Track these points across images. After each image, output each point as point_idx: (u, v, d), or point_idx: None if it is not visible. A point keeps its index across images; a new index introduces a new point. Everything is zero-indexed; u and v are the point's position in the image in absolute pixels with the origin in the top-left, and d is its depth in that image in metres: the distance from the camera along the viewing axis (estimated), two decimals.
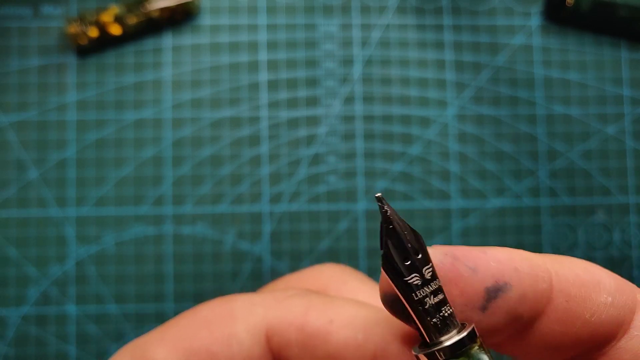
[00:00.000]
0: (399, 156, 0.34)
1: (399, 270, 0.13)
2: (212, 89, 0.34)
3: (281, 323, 0.17)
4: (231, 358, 0.17)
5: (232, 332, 0.17)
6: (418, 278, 0.13)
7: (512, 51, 0.35)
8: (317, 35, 0.35)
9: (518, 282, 0.14)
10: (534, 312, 0.14)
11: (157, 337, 0.18)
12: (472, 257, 0.14)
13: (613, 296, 0.14)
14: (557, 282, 0.14)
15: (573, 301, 0.14)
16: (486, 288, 0.13)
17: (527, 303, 0.14)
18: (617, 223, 0.35)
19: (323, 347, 0.16)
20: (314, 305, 0.17)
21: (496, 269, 0.14)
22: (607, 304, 0.14)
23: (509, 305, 0.14)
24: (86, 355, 0.32)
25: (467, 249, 0.14)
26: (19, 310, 0.33)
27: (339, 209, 0.34)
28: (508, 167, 0.35)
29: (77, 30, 0.33)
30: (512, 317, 0.14)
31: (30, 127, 0.33)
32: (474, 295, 0.13)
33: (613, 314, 0.14)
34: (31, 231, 0.33)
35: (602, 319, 0.14)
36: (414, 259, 0.13)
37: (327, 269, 0.23)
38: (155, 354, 0.17)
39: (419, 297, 0.13)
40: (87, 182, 0.33)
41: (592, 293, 0.14)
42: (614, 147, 0.35)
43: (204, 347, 0.17)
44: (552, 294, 0.14)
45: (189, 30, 0.35)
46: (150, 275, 0.33)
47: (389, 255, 0.13)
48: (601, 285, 0.14)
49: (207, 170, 0.34)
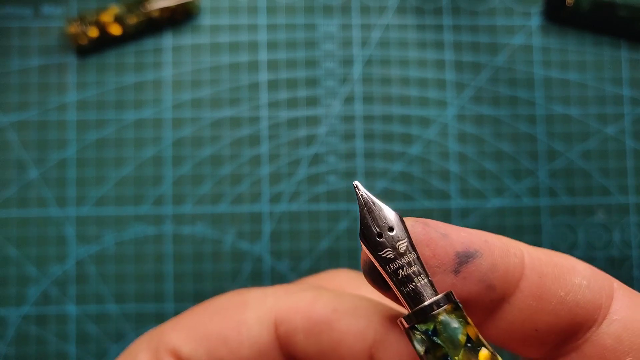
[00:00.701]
0: (399, 156, 0.34)
1: (374, 245, 0.14)
2: (212, 89, 0.34)
3: (289, 311, 0.18)
4: (241, 343, 0.18)
5: (243, 318, 0.18)
6: (391, 252, 0.14)
7: (511, 51, 0.35)
8: (317, 35, 0.35)
9: (488, 252, 0.14)
10: (507, 285, 0.15)
11: (172, 324, 0.19)
12: (444, 226, 0.15)
13: (588, 280, 0.15)
14: (530, 260, 0.15)
15: (546, 278, 0.15)
16: (457, 252, 0.14)
17: (498, 274, 0.14)
18: (617, 223, 0.35)
19: (327, 334, 0.17)
20: (320, 296, 0.18)
21: (466, 237, 0.15)
22: (582, 285, 0.15)
23: (480, 272, 0.14)
24: (86, 355, 0.32)
25: (441, 222, 0.15)
26: (19, 310, 0.33)
27: (338, 209, 0.34)
28: (508, 167, 0.35)
29: (77, 30, 0.33)
30: (485, 285, 0.14)
31: (31, 127, 0.34)
32: (444, 257, 0.14)
33: (589, 296, 0.15)
34: (31, 231, 0.33)
35: (577, 299, 0.15)
36: (387, 235, 0.14)
37: (343, 273, 0.24)
38: (171, 339, 0.19)
39: (393, 269, 0.14)
40: (87, 182, 0.33)
41: (565, 274, 0.15)
42: (614, 147, 0.35)
43: (215, 332, 0.18)
44: (525, 270, 0.15)
45: (189, 30, 0.35)
46: (150, 275, 0.33)
47: (365, 232, 0.15)
48: (575, 270, 0.15)
49: (207, 170, 0.34)
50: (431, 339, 0.14)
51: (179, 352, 0.18)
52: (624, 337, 0.14)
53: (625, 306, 0.15)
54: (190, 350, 0.18)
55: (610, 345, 0.14)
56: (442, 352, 0.14)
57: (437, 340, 0.14)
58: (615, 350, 0.14)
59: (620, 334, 0.14)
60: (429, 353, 0.14)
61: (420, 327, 0.14)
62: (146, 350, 0.19)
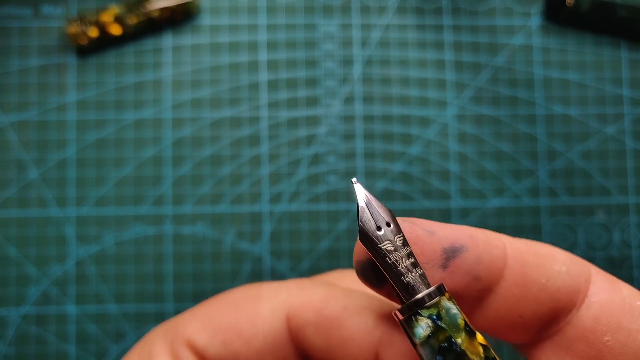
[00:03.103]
0: (399, 156, 0.34)
1: (373, 238, 0.15)
2: (212, 89, 0.34)
3: (301, 306, 0.19)
4: (255, 334, 0.19)
5: (257, 311, 0.19)
6: (390, 244, 0.15)
7: (511, 51, 0.35)
8: (317, 35, 0.35)
9: (474, 246, 0.15)
10: (492, 275, 0.15)
11: (188, 316, 0.20)
12: (430, 224, 0.16)
13: (567, 266, 0.16)
14: (511, 250, 0.16)
15: (528, 266, 0.15)
16: (444, 248, 0.15)
17: (484, 265, 0.15)
18: (617, 223, 0.35)
19: (337, 330, 0.18)
20: (332, 293, 0.19)
21: (452, 234, 0.15)
22: (562, 272, 0.16)
23: (467, 265, 0.15)
24: (86, 355, 0.32)
25: (426, 220, 0.16)
26: (19, 310, 0.33)
27: (338, 209, 0.34)
28: (507, 167, 0.35)
29: (77, 30, 0.33)
30: (472, 277, 0.15)
31: (30, 127, 0.34)
32: (432, 253, 0.15)
33: (568, 282, 0.15)
34: (31, 231, 0.33)
35: (558, 285, 0.15)
36: (386, 229, 0.15)
37: (349, 273, 0.25)
38: (186, 330, 0.19)
39: (392, 260, 0.15)
40: (87, 182, 0.33)
41: (546, 262, 0.16)
42: (614, 147, 0.35)
43: (230, 323, 0.19)
44: (507, 260, 0.15)
45: (189, 30, 0.35)
46: (150, 275, 0.33)
47: (365, 226, 0.15)
48: (555, 257, 0.16)
49: (207, 170, 0.34)
50: (436, 322, 0.15)
51: (194, 343, 0.19)
52: (601, 318, 0.15)
53: (602, 289, 0.16)
54: (206, 341, 0.19)
55: (589, 326, 0.15)
56: (445, 335, 0.14)
57: (441, 324, 0.14)
58: (595, 331, 0.15)
59: (598, 315, 0.15)
60: (433, 337, 0.15)
61: (424, 312, 0.15)
62: (162, 341, 0.20)
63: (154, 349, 0.20)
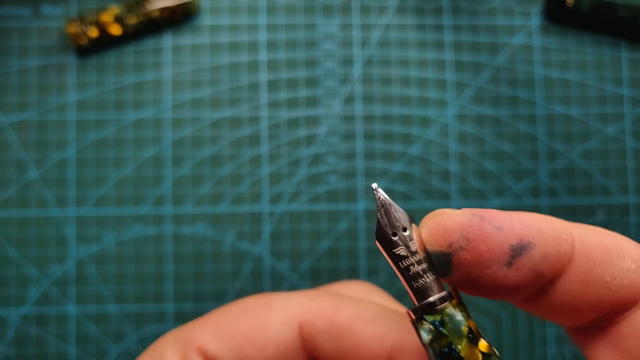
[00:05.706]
0: (399, 156, 0.34)
1: (389, 242, 0.16)
2: (212, 89, 0.34)
3: (313, 315, 0.19)
4: (266, 343, 0.19)
5: (269, 319, 0.19)
6: (404, 250, 0.16)
7: (512, 51, 0.35)
8: (317, 35, 0.35)
9: (541, 242, 0.15)
10: (556, 271, 0.15)
11: (199, 324, 0.20)
12: (498, 218, 0.15)
13: (637, 264, 0.15)
14: (580, 245, 0.15)
15: (594, 263, 0.15)
16: (511, 245, 0.15)
17: (549, 261, 0.15)
18: (617, 223, 0.35)
19: (348, 338, 0.18)
20: (343, 302, 0.19)
21: (520, 229, 0.15)
22: (631, 270, 0.15)
23: (532, 263, 0.15)
24: (86, 355, 0.32)
25: (494, 211, 0.15)
26: (19, 310, 0.33)
27: (338, 209, 0.34)
28: (508, 167, 0.35)
29: (77, 30, 0.33)
30: (536, 274, 0.15)
31: (30, 127, 0.33)
32: (499, 251, 0.15)
33: (636, 280, 0.15)
34: (31, 231, 0.33)
35: (623, 284, 0.15)
36: (401, 235, 0.16)
37: (354, 284, 0.25)
38: (198, 337, 0.19)
39: (405, 265, 0.15)
40: (87, 182, 0.33)
41: (614, 258, 0.15)
42: (614, 147, 0.35)
43: (242, 331, 0.19)
44: (574, 256, 0.15)
45: (189, 30, 0.35)
46: (150, 275, 0.33)
47: (381, 231, 0.16)
48: (625, 252, 0.15)
49: (207, 170, 0.34)
50: (438, 329, 0.15)
51: (205, 350, 0.19)
52: None
53: None
54: (217, 349, 0.19)
55: None
56: (447, 341, 0.15)
57: (443, 330, 0.15)
58: None
59: None
60: (435, 342, 0.15)
61: (428, 318, 0.15)
62: (173, 348, 0.20)
63: (165, 354, 0.20)
